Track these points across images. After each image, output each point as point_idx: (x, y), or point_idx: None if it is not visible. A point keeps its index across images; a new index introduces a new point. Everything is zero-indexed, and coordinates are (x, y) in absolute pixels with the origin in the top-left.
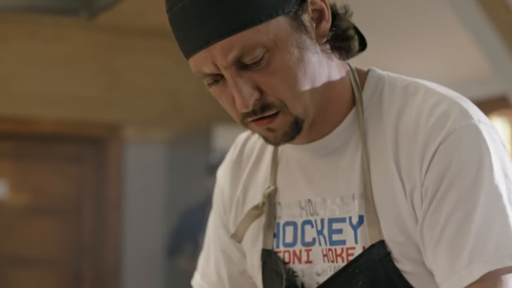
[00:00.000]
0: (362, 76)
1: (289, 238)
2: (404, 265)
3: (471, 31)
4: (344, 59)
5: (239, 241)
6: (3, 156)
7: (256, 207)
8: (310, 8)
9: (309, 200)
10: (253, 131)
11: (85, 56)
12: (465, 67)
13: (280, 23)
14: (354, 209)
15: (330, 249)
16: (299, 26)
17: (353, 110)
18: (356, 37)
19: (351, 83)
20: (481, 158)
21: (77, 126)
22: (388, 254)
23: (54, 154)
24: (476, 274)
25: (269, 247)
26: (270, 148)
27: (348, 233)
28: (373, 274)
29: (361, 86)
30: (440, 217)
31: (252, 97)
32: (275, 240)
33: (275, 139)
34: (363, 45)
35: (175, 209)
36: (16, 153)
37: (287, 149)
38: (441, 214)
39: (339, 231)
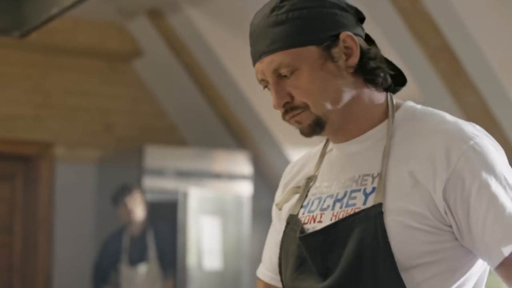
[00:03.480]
0: (399, 103)
1: (313, 207)
2: (394, 225)
3: (400, 55)
4: (382, 91)
5: (280, 208)
6: None
7: (297, 187)
8: (342, 44)
9: (337, 181)
10: (291, 125)
11: (16, 74)
12: None
13: (310, 51)
14: (370, 183)
15: (343, 210)
16: (327, 55)
17: (385, 122)
18: (381, 75)
19: (387, 105)
20: (496, 158)
21: (8, 145)
22: (381, 213)
23: None
24: None
25: (295, 213)
26: (319, 153)
27: (360, 199)
28: (366, 225)
29: (396, 108)
30: (481, 204)
31: (282, 100)
32: (302, 209)
33: (303, 130)
34: (401, 81)
35: (105, 228)
36: None
37: (332, 150)
38: (481, 202)
39: (354, 198)
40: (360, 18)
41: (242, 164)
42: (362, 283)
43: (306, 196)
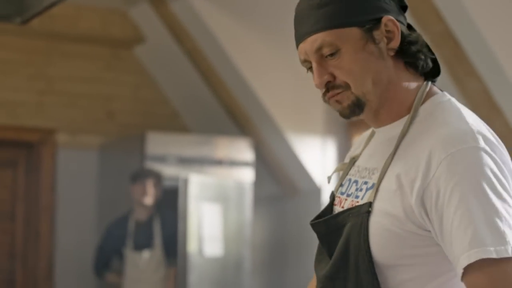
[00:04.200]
0: (430, 94)
1: (344, 189)
2: (375, 226)
3: None
4: (419, 78)
5: (328, 182)
6: None
7: (344, 164)
8: (383, 28)
9: (364, 168)
10: (330, 106)
11: (19, 61)
12: None
13: (352, 32)
14: (374, 178)
15: (352, 201)
16: (369, 37)
17: (409, 115)
18: (422, 58)
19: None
20: (477, 169)
21: (10, 131)
22: (368, 212)
23: None
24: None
25: (334, 191)
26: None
27: (362, 193)
28: (355, 221)
29: (428, 98)
30: (449, 214)
31: (324, 79)
32: (340, 188)
33: (343, 111)
34: (436, 71)
35: (107, 215)
36: None
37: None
38: (450, 212)
39: (361, 190)
40: (402, 6)
41: (244, 150)
42: (348, 276)
43: (348, 174)
